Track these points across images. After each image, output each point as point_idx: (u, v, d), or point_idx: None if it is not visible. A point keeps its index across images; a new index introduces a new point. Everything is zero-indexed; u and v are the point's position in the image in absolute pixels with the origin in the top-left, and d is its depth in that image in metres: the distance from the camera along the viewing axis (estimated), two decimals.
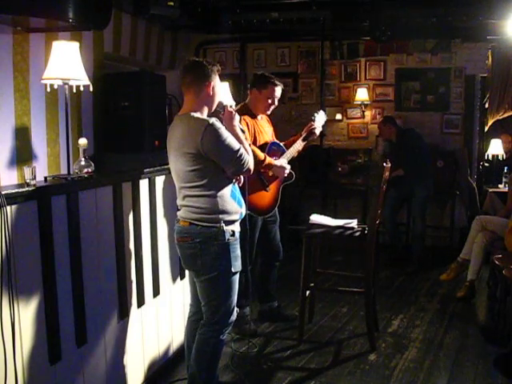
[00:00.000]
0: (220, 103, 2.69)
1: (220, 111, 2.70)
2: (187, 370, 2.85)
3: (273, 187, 3.66)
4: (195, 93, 2.59)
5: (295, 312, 4.12)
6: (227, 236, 2.57)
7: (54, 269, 2.27)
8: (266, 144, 3.61)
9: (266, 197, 3.62)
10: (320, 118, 3.80)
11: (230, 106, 2.72)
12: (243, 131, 3.42)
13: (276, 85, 3.55)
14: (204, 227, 2.54)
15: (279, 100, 3.66)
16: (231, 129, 2.65)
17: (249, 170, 2.62)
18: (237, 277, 2.67)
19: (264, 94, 3.54)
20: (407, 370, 3.27)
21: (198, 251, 2.56)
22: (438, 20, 5.17)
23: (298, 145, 3.72)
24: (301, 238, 3.64)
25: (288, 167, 3.61)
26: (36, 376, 2.20)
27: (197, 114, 2.55)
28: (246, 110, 3.58)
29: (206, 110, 2.63)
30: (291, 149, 3.70)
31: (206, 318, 2.66)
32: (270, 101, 3.55)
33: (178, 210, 2.68)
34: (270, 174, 3.61)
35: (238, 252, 2.66)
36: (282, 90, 3.64)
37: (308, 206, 6.15)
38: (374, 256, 3.52)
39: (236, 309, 2.71)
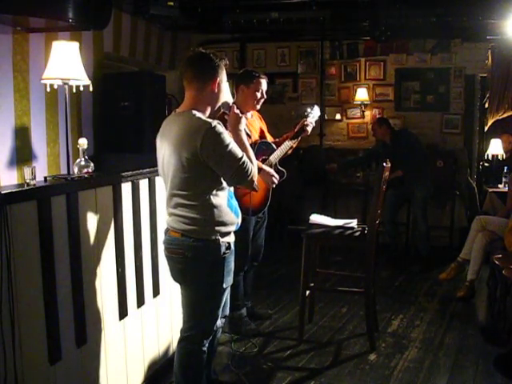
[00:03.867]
0: (226, 103, 2.43)
1: (225, 112, 2.45)
2: None
3: (261, 186, 3.49)
4: (198, 89, 2.32)
5: (269, 310, 4.17)
6: (223, 250, 2.36)
7: (54, 269, 2.26)
8: (254, 144, 3.51)
9: (255, 196, 3.48)
10: (314, 114, 3.72)
11: (237, 108, 2.45)
12: (249, 136, 3.29)
13: (261, 77, 3.56)
14: (198, 240, 2.32)
15: (279, 100, 3.65)
16: (236, 133, 2.39)
17: (252, 181, 2.33)
18: (227, 291, 2.51)
19: (252, 88, 3.52)
20: (407, 370, 3.27)
21: (190, 266, 2.35)
22: (438, 20, 5.17)
23: (290, 143, 3.64)
24: (301, 238, 3.63)
25: (276, 176, 3.45)
26: (36, 376, 2.19)
27: (198, 114, 2.28)
28: None
29: (208, 109, 2.37)
30: (281, 147, 3.62)
31: (185, 330, 2.48)
32: (258, 94, 3.53)
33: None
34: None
35: (232, 266, 2.47)
36: (281, 88, 3.62)
37: (308, 206, 6.15)
38: (374, 256, 3.53)
39: (219, 321, 2.52)
